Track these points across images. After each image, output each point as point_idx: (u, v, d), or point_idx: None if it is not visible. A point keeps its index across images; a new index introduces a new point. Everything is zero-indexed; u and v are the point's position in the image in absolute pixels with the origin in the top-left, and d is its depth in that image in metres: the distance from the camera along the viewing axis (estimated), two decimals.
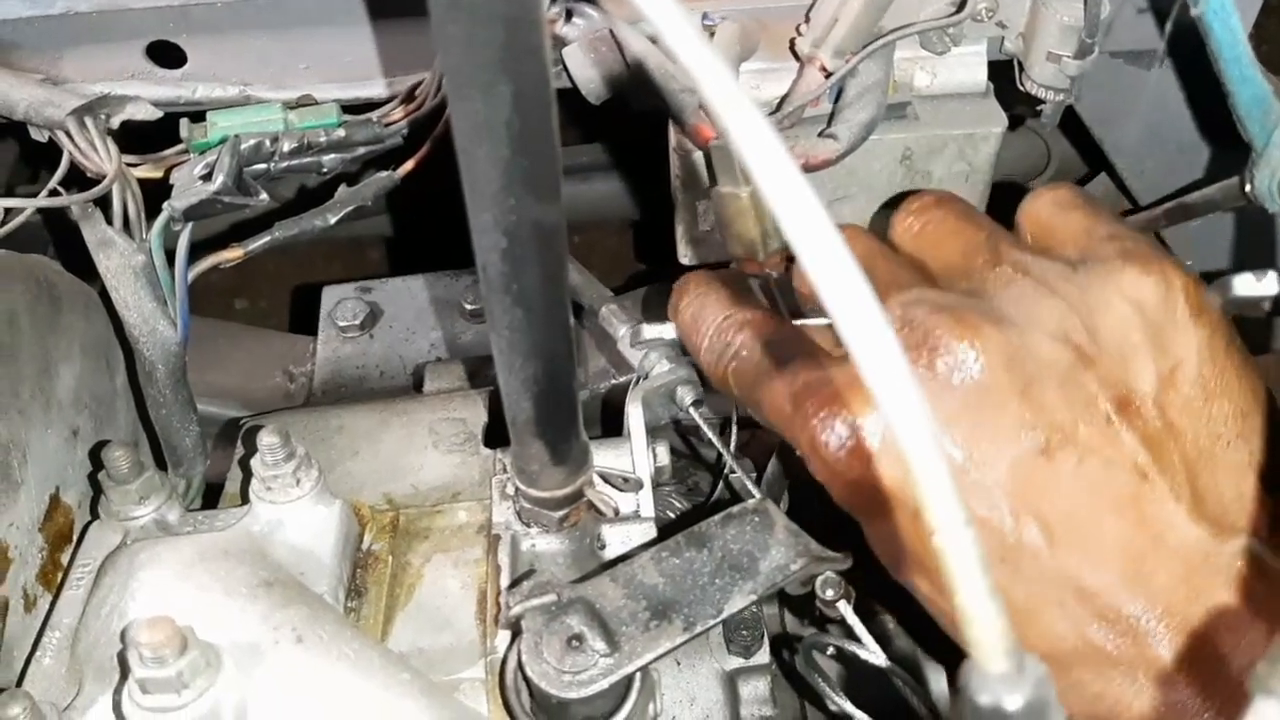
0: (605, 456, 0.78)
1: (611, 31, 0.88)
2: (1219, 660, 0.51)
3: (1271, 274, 0.74)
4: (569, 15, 0.88)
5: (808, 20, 0.89)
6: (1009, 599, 0.52)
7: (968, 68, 0.95)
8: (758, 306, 0.67)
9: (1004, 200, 0.75)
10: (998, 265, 0.60)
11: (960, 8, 0.89)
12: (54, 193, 0.84)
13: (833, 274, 0.31)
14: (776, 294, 0.75)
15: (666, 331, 0.75)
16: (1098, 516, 0.53)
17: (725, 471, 0.97)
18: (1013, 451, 0.53)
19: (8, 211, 0.85)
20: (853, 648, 0.69)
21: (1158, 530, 0.53)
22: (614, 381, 1.12)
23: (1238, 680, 0.51)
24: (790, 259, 0.73)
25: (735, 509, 0.67)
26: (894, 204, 0.70)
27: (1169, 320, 0.56)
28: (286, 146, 0.88)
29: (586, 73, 0.89)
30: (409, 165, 0.92)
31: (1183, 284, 0.57)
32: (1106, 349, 0.55)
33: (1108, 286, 0.57)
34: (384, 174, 0.92)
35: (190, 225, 0.85)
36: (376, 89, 0.95)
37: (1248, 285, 0.72)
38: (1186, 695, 0.52)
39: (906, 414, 0.31)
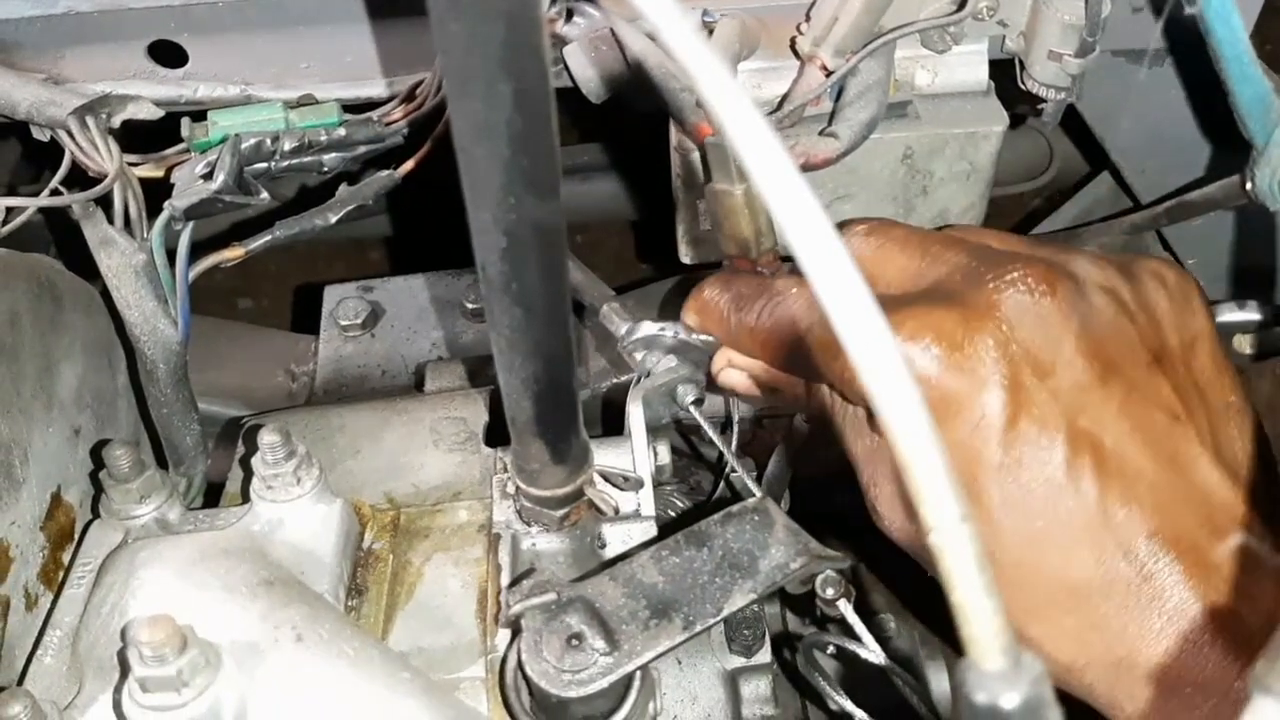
0: (606, 455, 0.77)
1: (612, 30, 0.88)
2: (1235, 600, 0.53)
3: (1253, 304, 0.82)
4: (569, 14, 0.88)
5: (808, 18, 0.89)
6: (1044, 535, 0.55)
7: (969, 66, 0.95)
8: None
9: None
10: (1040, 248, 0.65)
11: (961, 6, 0.89)
12: (56, 192, 0.84)
13: (830, 273, 0.31)
14: None
15: (668, 330, 0.75)
16: (1137, 451, 0.56)
17: (726, 470, 0.97)
18: (1074, 376, 0.57)
19: (9, 211, 0.85)
20: (853, 647, 0.69)
21: (1186, 470, 0.57)
22: (615, 380, 1.12)
23: (1251, 621, 0.52)
24: (784, 258, 0.73)
25: (735, 508, 0.67)
26: None
27: (1187, 301, 0.63)
28: (287, 145, 0.88)
29: (587, 72, 0.89)
30: (409, 165, 0.92)
31: (1194, 280, 0.65)
32: (1143, 309, 0.61)
33: (1139, 265, 0.64)
34: (385, 173, 0.92)
35: (191, 224, 0.85)
36: (377, 88, 0.95)
37: (1230, 310, 0.81)
38: (1204, 634, 0.53)
39: (904, 414, 0.31)
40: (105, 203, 0.84)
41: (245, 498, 0.74)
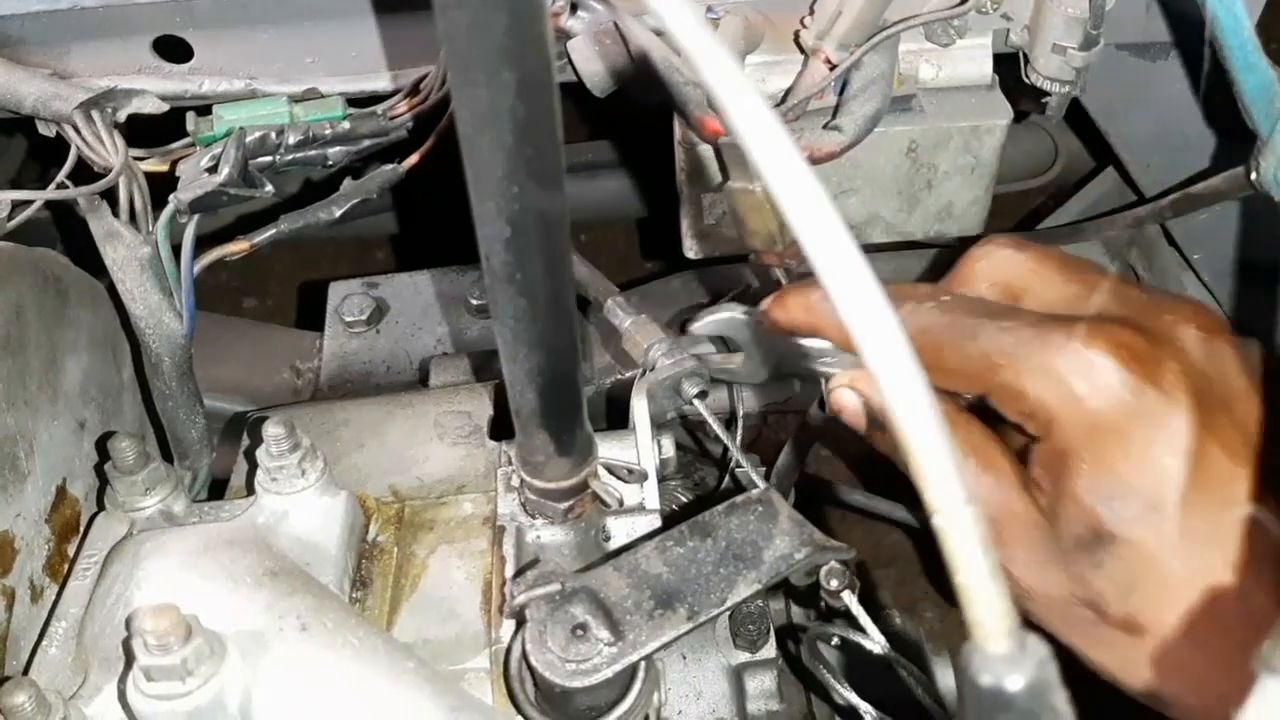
0: (610, 448, 0.77)
1: (616, 24, 0.88)
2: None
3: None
4: (574, 8, 0.88)
5: (812, 12, 0.89)
6: (1225, 563, 0.55)
7: (973, 60, 0.95)
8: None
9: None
10: None
11: (964, 0, 0.89)
12: (61, 186, 0.84)
13: (839, 265, 0.31)
14: None
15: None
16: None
17: (731, 465, 0.97)
18: (1250, 411, 0.60)
19: (15, 205, 0.85)
20: (857, 638, 0.69)
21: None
22: (619, 377, 1.12)
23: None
24: None
25: (739, 498, 0.67)
26: None
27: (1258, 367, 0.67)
28: (292, 139, 0.88)
29: (591, 66, 0.89)
30: (414, 159, 0.92)
31: None
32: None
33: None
34: (389, 167, 0.92)
35: (196, 218, 0.85)
36: (382, 82, 0.95)
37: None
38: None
39: (908, 397, 0.31)
40: (110, 196, 0.84)
41: (250, 491, 0.74)
